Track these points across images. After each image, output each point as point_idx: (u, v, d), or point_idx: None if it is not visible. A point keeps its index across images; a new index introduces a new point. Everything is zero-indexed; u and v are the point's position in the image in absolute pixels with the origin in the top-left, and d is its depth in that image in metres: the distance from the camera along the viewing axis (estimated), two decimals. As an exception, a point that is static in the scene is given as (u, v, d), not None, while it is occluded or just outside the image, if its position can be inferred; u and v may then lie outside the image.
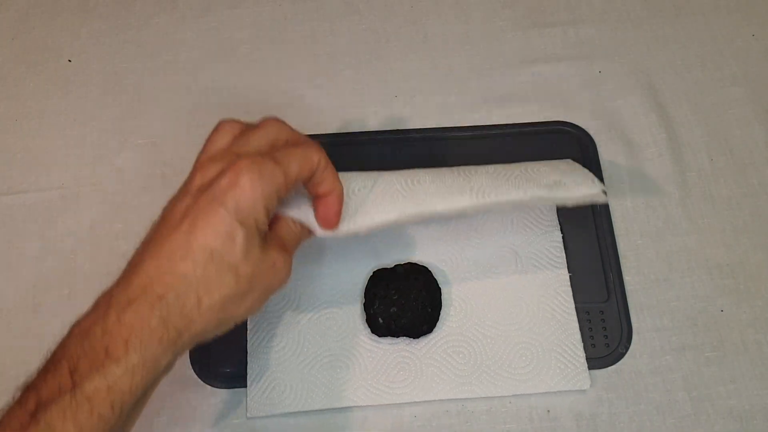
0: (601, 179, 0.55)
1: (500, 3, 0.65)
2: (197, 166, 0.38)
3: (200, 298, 0.34)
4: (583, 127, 0.58)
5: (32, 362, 0.50)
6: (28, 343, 0.51)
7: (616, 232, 0.53)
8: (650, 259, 0.52)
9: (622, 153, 0.57)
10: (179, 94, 0.62)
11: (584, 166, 0.55)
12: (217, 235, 0.34)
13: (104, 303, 0.35)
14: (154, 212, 0.56)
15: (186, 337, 0.35)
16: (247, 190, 0.34)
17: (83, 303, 0.52)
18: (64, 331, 0.47)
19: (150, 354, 0.34)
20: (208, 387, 0.49)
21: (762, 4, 0.63)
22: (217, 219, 0.34)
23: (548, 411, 0.47)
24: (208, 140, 0.40)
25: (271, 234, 0.38)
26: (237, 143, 0.38)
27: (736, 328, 0.50)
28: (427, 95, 0.60)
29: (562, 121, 0.58)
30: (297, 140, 0.39)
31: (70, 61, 0.64)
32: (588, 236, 0.53)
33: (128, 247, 0.54)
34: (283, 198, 0.37)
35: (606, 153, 0.57)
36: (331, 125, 0.59)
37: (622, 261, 0.52)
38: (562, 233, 0.52)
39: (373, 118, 0.59)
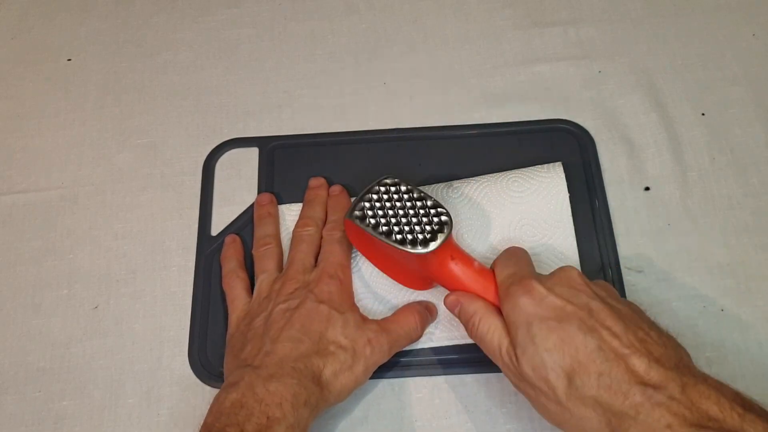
0: (599, 178, 0.55)
1: (500, 2, 0.65)
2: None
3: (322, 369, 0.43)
4: (584, 126, 0.58)
5: (32, 362, 0.51)
6: (28, 343, 0.51)
7: (616, 232, 0.53)
8: (650, 259, 0.52)
9: (623, 152, 0.56)
10: (179, 94, 0.62)
11: (583, 165, 0.56)
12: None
13: (242, 383, 0.41)
14: (154, 212, 0.56)
15: (320, 400, 0.42)
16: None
17: (83, 303, 0.53)
18: (64, 331, 0.47)
19: (300, 414, 0.40)
20: (208, 387, 0.49)
21: (763, 4, 0.63)
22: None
23: (548, 411, 0.47)
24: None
25: (382, 320, 0.47)
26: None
27: (737, 328, 0.49)
28: (427, 95, 0.60)
29: (561, 120, 0.58)
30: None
31: (69, 60, 0.64)
32: (588, 236, 0.52)
33: (128, 248, 0.55)
34: None
35: (606, 152, 0.57)
36: (331, 125, 0.59)
37: (622, 261, 0.52)
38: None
39: (373, 118, 0.59)
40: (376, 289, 0.50)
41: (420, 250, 0.42)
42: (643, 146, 0.57)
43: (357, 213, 0.44)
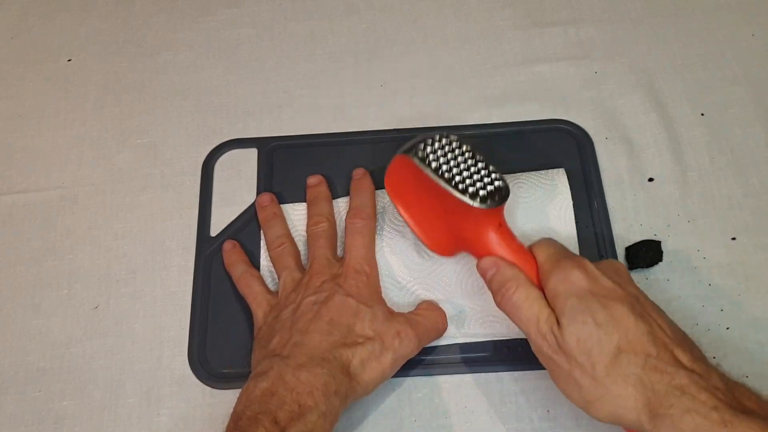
0: (598, 178, 0.55)
1: (500, 2, 0.65)
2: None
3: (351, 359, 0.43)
4: (584, 126, 0.58)
5: (32, 362, 0.51)
6: (28, 343, 0.51)
7: (615, 232, 0.53)
8: (650, 258, 0.52)
9: (623, 152, 0.56)
10: (179, 94, 0.62)
11: (581, 164, 0.55)
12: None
13: (271, 372, 0.41)
14: (154, 212, 0.56)
15: (349, 390, 0.42)
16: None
17: (83, 303, 0.53)
18: (64, 331, 0.47)
19: (331, 403, 0.41)
20: (208, 387, 0.49)
21: (763, 4, 0.63)
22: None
23: (548, 411, 0.47)
24: None
25: (409, 313, 0.47)
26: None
27: (736, 328, 0.49)
28: (427, 94, 0.60)
29: (560, 120, 0.58)
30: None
31: (69, 60, 0.64)
32: (587, 236, 0.52)
33: (128, 248, 0.55)
34: None
35: (606, 152, 0.57)
36: (331, 125, 0.59)
37: (622, 261, 0.52)
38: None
39: (373, 118, 0.59)
40: (398, 279, 0.50)
41: (479, 204, 0.40)
42: (642, 146, 0.57)
43: (417, 151, 0.42)
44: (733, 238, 0.53)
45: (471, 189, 0.41)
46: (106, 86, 0.62)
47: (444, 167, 0.42)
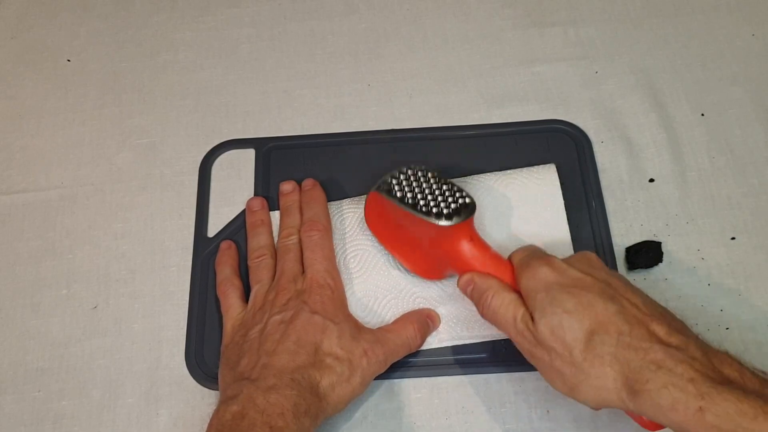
0: (596, 178, 0.55)
1: (500, 2, 0.65)
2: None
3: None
4: (583, 126, 0.57)
5: (31, 362, 0.51)
6: (27, 342, 0.51)
7: (614, 232, 0.53)
8: (650, 259, 0.52)
9: (622, 152, 0.56)
10: (178, 94, 0.62)
11: (579, 164, 0.55)
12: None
13: (241, 395, 0.41)
14: (153, 212, 0.56)
15: (319, 410, 0.42)
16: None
17: (82, 303, 0.53)
18: (63, 331, 0.47)
19: (302, 424, 0.41)
20: (206, 389, 0.49)
21: (762, 4, 0.63)
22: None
23: (548, 411, 0.47)
24: None
25: (379, 330, 0.47)
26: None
27: (736, 328, 0.49)
28: (426, 95, 0.60)
29: (559, 120, 0.58)
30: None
31: (69, 60, 0.64)
32: (586, 236, 0.52)
33: (127, 247, 0.55)
34: None
35: (606, 152, 0.56)
36: (330, 125, 0.59)
37: (620, 261, 0.52)
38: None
39: (372, 118, 0.59)
40: (374, 302, 0.50)
41: (444, 222, 0.43)
42: (642, 146, 0.57)
43: (384, 186, 0.45)
44: (733, 238, 0.53)
45: (435, 210, 0.43)
46: (105, 86, 0.62)
47: (409, 195, 0.45)
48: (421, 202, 0.44)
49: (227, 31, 0.65)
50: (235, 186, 0.56)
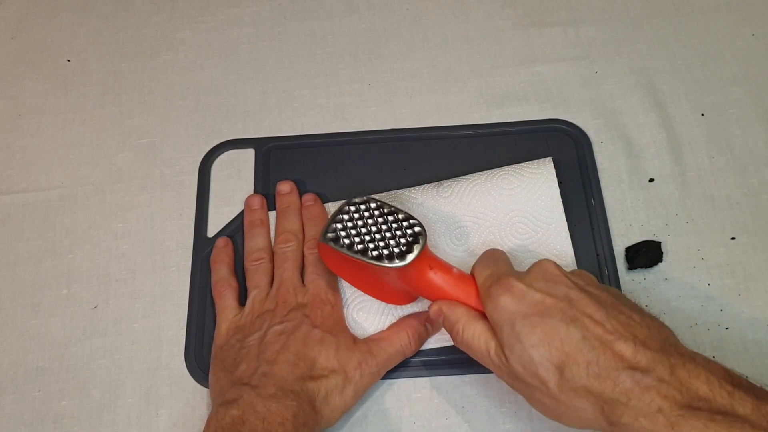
0: (596, 177, 0.55)
1: (500, 2, 0.65)
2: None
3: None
4: (583, 126, 0.58)
5: (31, 362, 0.51)
6: (28, 342, 0.51)
7: (614, 232, 0.53)
8: (650, 259, 0.52)
9: (622, 152, 0.56)
10: (178, 94, 0.62)
11: (579, 164, 0.56)
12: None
13: (241, 400, 0.41)
14: (153, 212, 0.56)
15: (315, 423, 0.43)
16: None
17: (82, 303, 0.53)
18: (63, 331, 0.47)
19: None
20: (206, 389, 0.49)
21: (762, 3, 0.63)
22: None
23: (547, 411, 0.47)
24: None
25: (372, 341, 0.47)
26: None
27: (736, 328, 0.49)
28: (426, 95, 0.60)
29: (559, 120, 0.58)
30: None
31: (69, 60, 0.64)
32: (585, 236, 0.52)
33: (127, 247, 0.55)
34: None
35: (606, 152, 0.56)
36: (330, 125, 0.59)
37: (620, 261, 0.52)
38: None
39: (372, 118, 0.59)
40: (367, 310, 0.50)
41: (397, 263, 0.41)
42: (642, 146, 0.57)
43: (330, 235, 0.43)
44: (733, 238, 0.53)
45: (386, 252, 0.42)
46: (105, 86, 0.62)
47: (356, 239, 0.43)
48: (371, 246, 0.42)
49: (227, 31, 0.65)
50: (234, 186, 0.57)
